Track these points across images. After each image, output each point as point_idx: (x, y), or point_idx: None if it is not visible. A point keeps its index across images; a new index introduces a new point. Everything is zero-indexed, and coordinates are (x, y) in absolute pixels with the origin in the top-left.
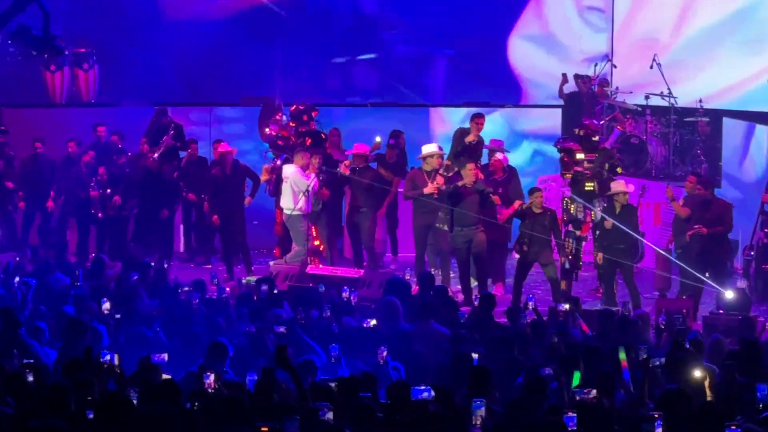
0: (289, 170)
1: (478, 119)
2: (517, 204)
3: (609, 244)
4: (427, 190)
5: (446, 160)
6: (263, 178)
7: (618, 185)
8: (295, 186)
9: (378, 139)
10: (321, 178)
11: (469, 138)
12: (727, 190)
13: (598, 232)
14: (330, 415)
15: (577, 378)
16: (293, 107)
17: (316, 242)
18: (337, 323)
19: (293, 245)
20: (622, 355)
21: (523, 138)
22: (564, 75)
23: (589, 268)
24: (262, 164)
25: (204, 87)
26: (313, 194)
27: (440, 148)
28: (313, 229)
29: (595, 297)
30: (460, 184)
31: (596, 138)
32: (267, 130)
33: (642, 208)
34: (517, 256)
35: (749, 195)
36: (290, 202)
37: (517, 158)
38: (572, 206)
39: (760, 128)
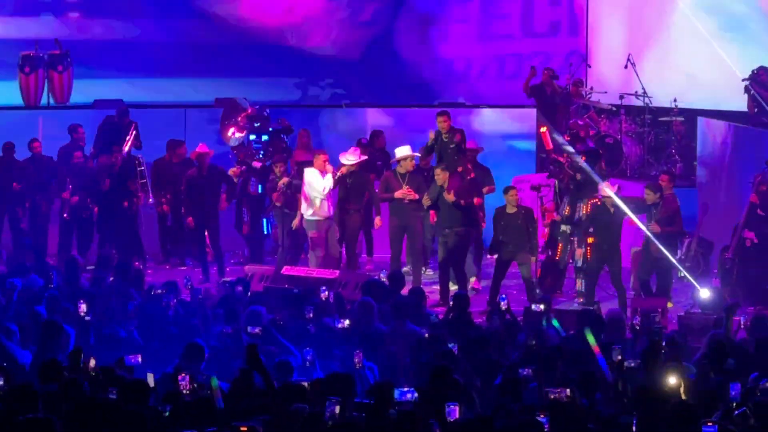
0: (309, 175)
1: (441, 117)
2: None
3: (598, 243)
4: (397, 195)
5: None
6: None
7: (605, 189)
8: (311, 191)
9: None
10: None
11: (430, 140)
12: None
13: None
14: (337, 409)
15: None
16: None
17: None
18: (317, 324)
19: (313, 251)
20: (591, 339)
21: (498, 137)
22: (532, 68)
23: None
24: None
25: (177, 88)
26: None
27: (412, 151)
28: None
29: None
30: (425, 203)
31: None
32: (230, 133)
33: None
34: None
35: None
36: (306, 207)
37: (492, 158)
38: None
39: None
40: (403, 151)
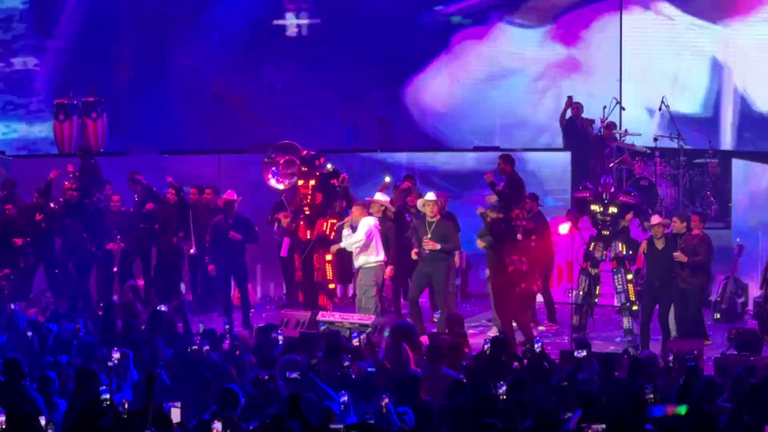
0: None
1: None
2: None
3: (649, 280)
4: (414, 253)
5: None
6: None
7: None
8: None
9: (387, 179)
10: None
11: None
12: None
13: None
14: None
15: None
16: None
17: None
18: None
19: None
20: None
21: (532, 180)
22: (569, 98)
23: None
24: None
25: (212, 134)
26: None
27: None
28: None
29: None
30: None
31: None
32: (270, 182)
33: None
34: None
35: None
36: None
37: None
38: (592, 245)
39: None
40: (425, 197)
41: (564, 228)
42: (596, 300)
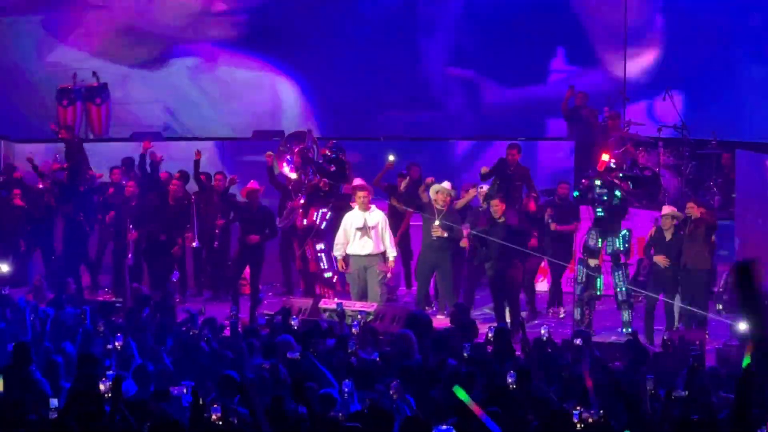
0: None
1: (511, 149)
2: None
3: (658, 272)
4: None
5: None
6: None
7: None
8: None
9: (391, 157)
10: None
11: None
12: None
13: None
14: None
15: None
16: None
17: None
18: (355, 357)
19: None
20: (463, 395)
21: (535, 169)
22: (571, 87)
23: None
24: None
25: (216, 121)
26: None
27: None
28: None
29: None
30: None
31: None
32: (285, 170)
33: None
34: None
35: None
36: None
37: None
38: (591, 234)
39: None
40: (439, 185)
41: None
42: (599, 293)
